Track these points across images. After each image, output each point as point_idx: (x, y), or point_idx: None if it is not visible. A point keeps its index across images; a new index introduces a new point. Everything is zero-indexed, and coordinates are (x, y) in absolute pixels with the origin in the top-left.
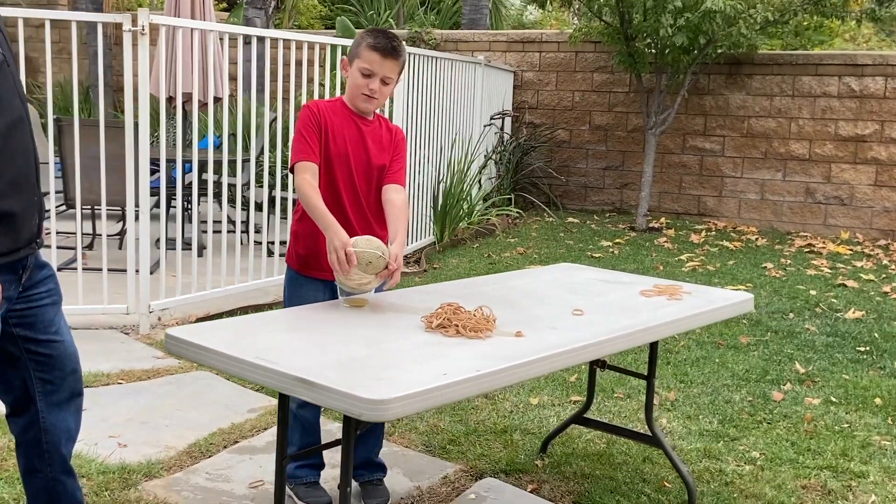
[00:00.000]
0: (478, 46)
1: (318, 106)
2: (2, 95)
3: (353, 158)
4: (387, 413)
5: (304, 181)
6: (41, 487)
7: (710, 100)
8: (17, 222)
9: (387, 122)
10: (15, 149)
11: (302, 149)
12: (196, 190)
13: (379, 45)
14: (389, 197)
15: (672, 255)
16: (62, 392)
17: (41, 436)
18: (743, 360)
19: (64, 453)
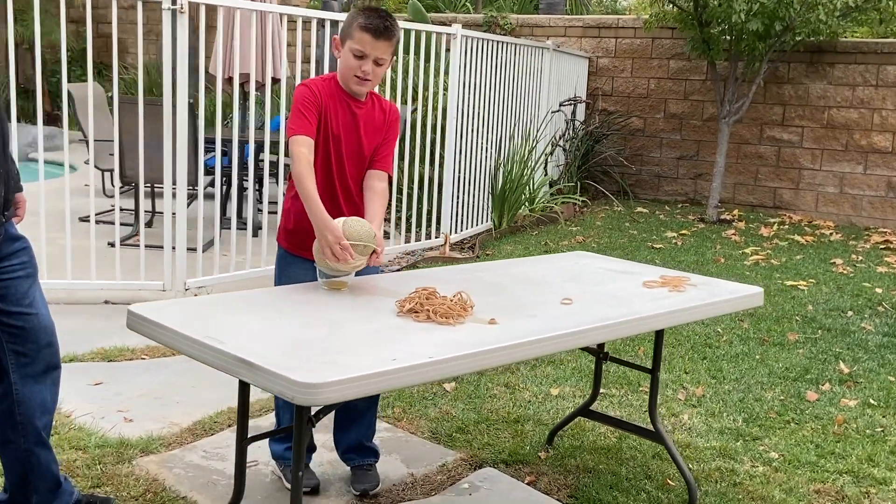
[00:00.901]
0: (553, 32)
1: (317, 86)
2: None
3: (345, 143)
4: (319, 397)
5: (304, 155)
6: (15, 458)
7: (790, 89)
8: None
9: (380, 101)
10: None
11: (300, 123)
12: (252, 170)
13: (371, 26)
14: (371, 184)
15: (737, 247)
16: (37, 365)
17: (14, 407)
18: (785, 358)
19: (38, 426)
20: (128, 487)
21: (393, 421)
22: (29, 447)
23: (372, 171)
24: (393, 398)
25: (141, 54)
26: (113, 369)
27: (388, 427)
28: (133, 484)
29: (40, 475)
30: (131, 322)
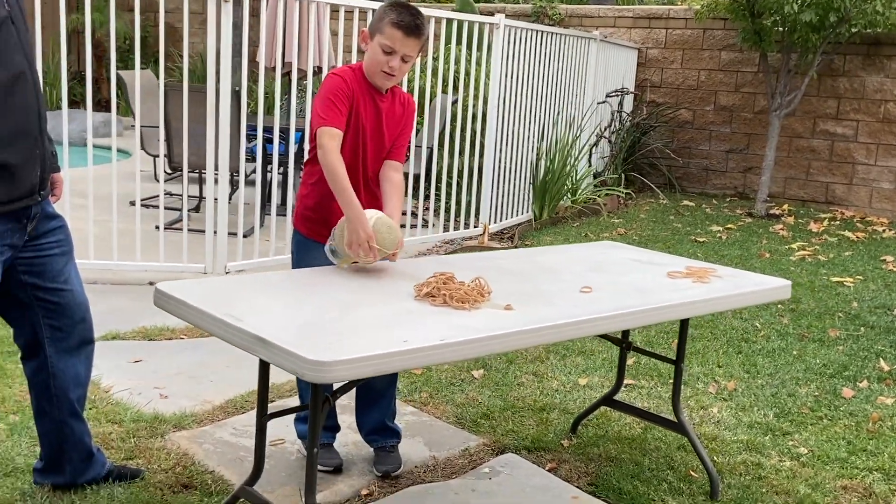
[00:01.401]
0: (602, 22)
1: (348, 76)
2: (2, 50)
3: (370, 135)
4: (329, 375)
5: (334, 148)
6: (50, 429)
7: (845, 82)
8: (15, 173)
9: (399, 94)
10: (14, 103)
11: (331, 114)
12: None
13: (402, 23)
14: (388, 174)
15: (784, 242)
16: (71, 339)
17: (49, 380)
18: (823, 354)
19: (72, 398)
20: (159, 460)
21: (419, 405)
22: (63, 418)
23: (389, 162)
24: (420, 383)
25: (187, 43)
26: (152, 347)
27: (413, 411)
28: (164, 457)
29: (74, 445)
30: (158, 299)
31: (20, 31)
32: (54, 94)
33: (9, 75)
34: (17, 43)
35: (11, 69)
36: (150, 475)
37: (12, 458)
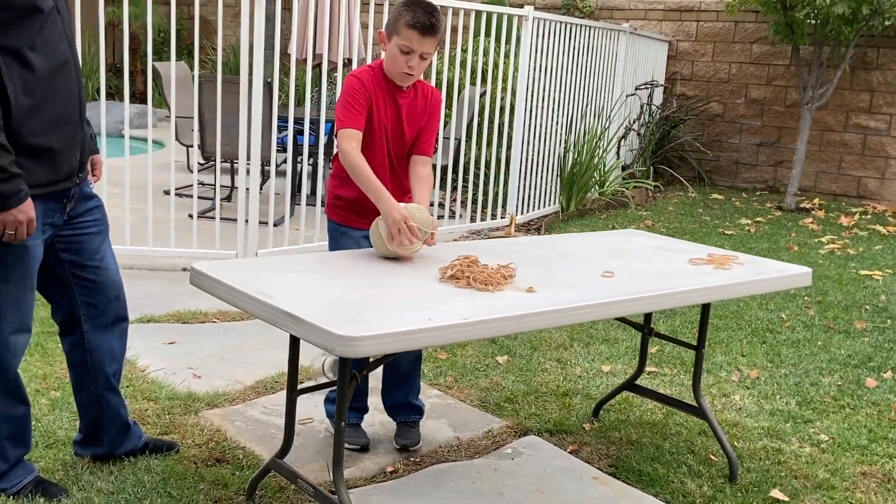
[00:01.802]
0: (633, 15)
1: (366, 76)
2: (49, 39)
3: (390, 132)
4: (357, 349)
5: (353, 149)
6: (88, 401)
7: (878, 75)
8: (57, 157)
9: (423, 88)
10: (58, 91)
11: (349, 116)
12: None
13: (418, 24)
14: (416, 169)
15: (813, 236)
16: (106, 316)
17: (86, 355)
18: (849, 345)
19: (108, 372)
20: (193, 436)
21: (444, 388)
22: (100, 392)
23: (416, 157)
24: (446, 367)
25: (221, 35)
26: (186, 330)
27: (438, 394)
28: (198, 433)
29: (110, 418)
30: (194, 278)
31: (65, 20)
32: (90, 86)
33: (54, 64)
34: (62, 32)
35: (57, 58)
36: (184, 449)
37: (54, 431)
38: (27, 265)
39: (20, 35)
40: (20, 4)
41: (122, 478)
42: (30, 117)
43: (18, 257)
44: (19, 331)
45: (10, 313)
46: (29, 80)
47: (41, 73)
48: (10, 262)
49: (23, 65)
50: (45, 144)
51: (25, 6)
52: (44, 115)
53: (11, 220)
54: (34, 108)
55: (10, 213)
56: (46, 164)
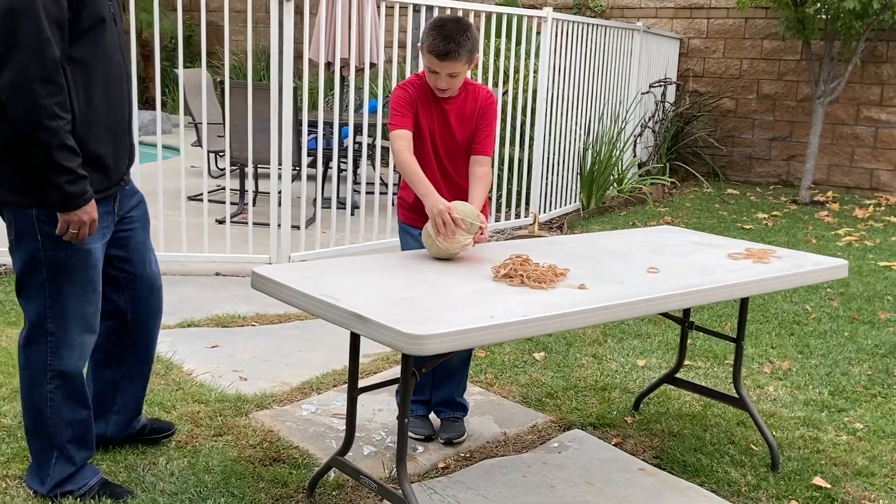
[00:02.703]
0: (644, 13)
1: (412, 85)
2: (108, 49)
3: (439, 137)
4: (426, 347)
5: (403, 148)
6: (108, 379)
7: (889, 68)
8: (110, 164)
9: (474, 91)
10: (113, 99)
11: (397, 119)
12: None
13: (434, 50)
14: (473, 169)
15: (830, 228)
16: (148, 307)
17: (124, 341)
18: (875, 336)
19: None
20: (246, 437)
21: (485, 386)
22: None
23: (473, 157)
24: (485, 364)
25: (227, 43)
26: (226, 334)
27: (480, 391)
28: (251, 434)
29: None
30: (255, 282)
31: (119, 31)
32: None
33: (112, 74)
34: (118, 43)
35: (113, 68)
36: (240, 450)
37: None
38: (92, 267)
39: (86, 45)
40: (91, 15)
41: (183, 478)
42: (89, 126)
43: (83, 261)
44: (85, 331)
45: (77, 315)
46: (91, 89)
47: (101, 83)
48: (74, 265)
49: (87, 75)
50: (101, 152)
51: (94, 17)
52: (102, 125)
53: (76, 219)
54: (94, 118)
55: (75, 214)
56: (100, 171)
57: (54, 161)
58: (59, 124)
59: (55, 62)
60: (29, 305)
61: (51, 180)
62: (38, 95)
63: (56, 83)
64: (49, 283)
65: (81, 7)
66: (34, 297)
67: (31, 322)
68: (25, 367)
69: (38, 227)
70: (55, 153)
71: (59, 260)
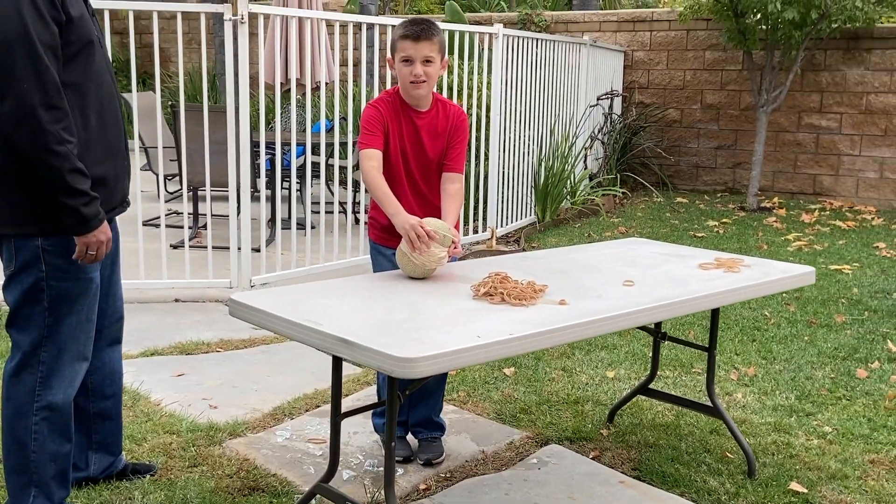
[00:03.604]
0: (588, 27)
1: (382, 104)
2: (97, 71)
3: (412, 153)
4: (415, 370)
5: (371, 168)
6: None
7: (827, 76)
8: (111, 185)
9: (446, 108)
10: (107, 120)
11: (367, 139)
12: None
13: (408, 33)
14: (444, 186)
15: (779, 234)
16: (105, 339)
17: (87, 377)
18: (833, 339)
19: (107, 394)
20: (222, 466)
21: (459, 404)
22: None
23: (446, 174)
24: (457, 382)
25: (181, 65)
26: (191, 361)
27: (455, 409)
28: (227, 463)
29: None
30: (234, 309)
31: (105, 52)
32: None
33: (103, 95)
34: (105, 64)
35: (104, 89)
36: (217, 480)
37: None
38: (92, 296)
39: (78, 69)
40: (80, 39)
41: None
42: (88, 148)
43: (85, 290)
44: (77, 360)
45: (71, 344)
46: (86, 112)
47: (94, 105)
48: (76, 295)
49: (80, 98)
50: (100, 174)
51: (83, 40)
52: (99, 146)
53: (94, 241)
54: (91, 140)
55: (93, 235)
56: (103, 192)
57: (68, 185)
58: (68, 148)
59: (56, 87)
60: (23, 336)
61: (66, 205)
62: (44, 122)
63: (60, 108)
64: (49, 314)
65: (70, 31)
66: (31, 328)
67: (23, 352)
68: (9, 398)
69: (43, 257)
70: (68, 177)
71: (62, 290)
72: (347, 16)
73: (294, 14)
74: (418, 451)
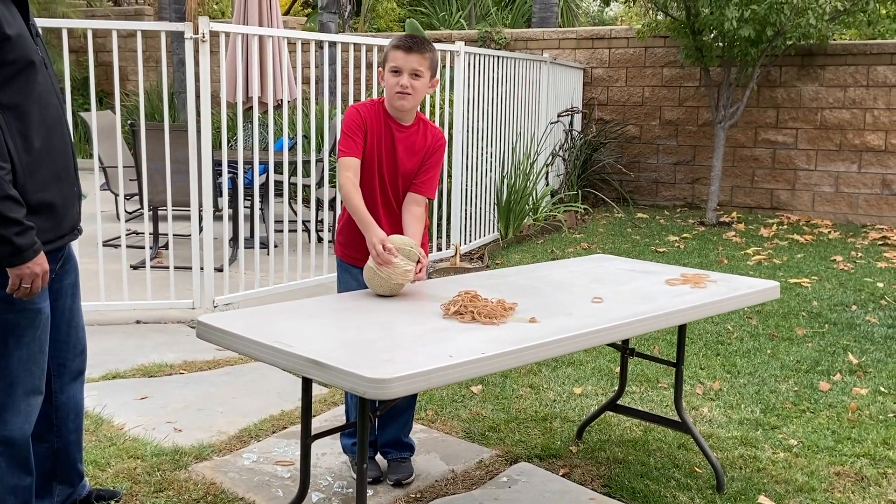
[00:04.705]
0: (547, 45)
1: (363, 108)
2: (42, 93)
3: (385, 163)
4: (388, 391)
5: (347, 179)
6: (44, 454)
7: (782, 92)
8: (59, 212)
9: (427, 128)
10: (54, 144)
11: (347, 145)
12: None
13: (400, 44)
14: (408, 206)
15: (739, 248)
16: (72, 372)
17: (52, 411)
18: (795, 352)
19: (71, 427)
20: (188, 491)
21: (427, 423)
22: (61, 445)
23: (412, 194)
24: (425, 401)
25: (141, 84)
26: (155, 384)
27: (423, 428)
28: (192, 488)
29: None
30: (201, 332)
31: (51, 74)
32: None
33: (49, 118)
34: (52, 86)
35: (50, 111)
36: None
37: None
38: (42, 328)
39: (17, 90)
40: (18, 59)
41: None
42: (32, 173)
43: (32, 322)
44: (31, 394)
45: (23, 377)
46: (28, 135)
47: (39, 128)
48: (24, 327)
49: (21, 120)
50: (47, 200)
51: (23, 60)
52: (44, 171)
53: (28, 272)
54: (35, 164)
55: (26, 267)
56: (50, 220)
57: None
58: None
59: None
60: None
61: None
62: None
63: None
64: None
65: (7, 51)
66: None
67: None
68: None
69: None
70: None
71: (7, 323)
72: (308, 34)
73: (254, 32)
74: (388, 472)
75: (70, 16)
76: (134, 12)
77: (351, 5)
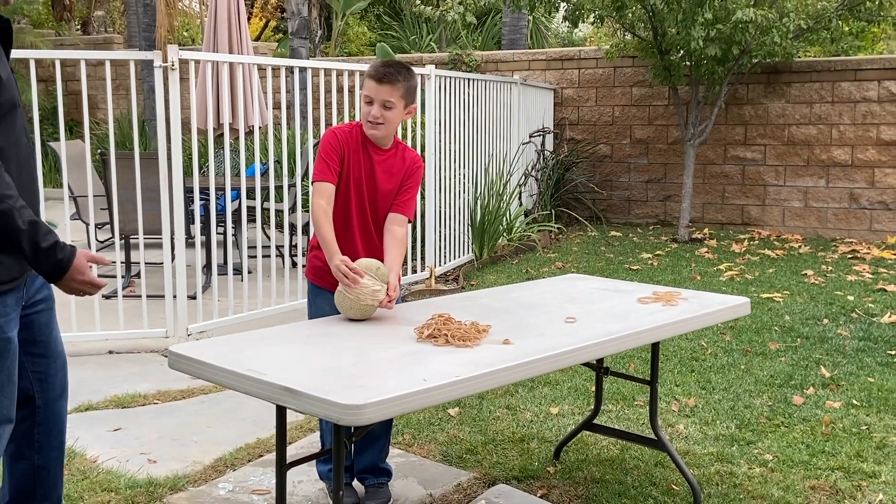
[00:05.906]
0: (518, 66)
1: (341, 131)
2: (17, 134)
3: (366, 185)
4: (362, 417)
5: (319, 206)
6: (24, 473)
7: (750, 109)
8: None
9: (405, 152)
10: (24, 183)
11: (321, 169)
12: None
13: (373, 74)
14: (390, 227)
15: (711, 265)
16: (55, 390)
17: (34, 428)
18: (769, 366)
19: (53, 445)
20: None
21: (405, 447)
22: (42, 464)
23: (392, 215)
24: (402, 425)
25: (111, 112)
26: (128, 415)
27: (400, 453)
28: None
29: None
30: (173, 362)
31: (22, 114)
32: None
33: (22, 158)
34: (23, 127)
35: (22, 152)
36: None
37: None
38: (11, 357)
39: (2, 132)
40: (6, 102)
41: None
42: None
43: (2, 351)
44: (1, 422)
45: None
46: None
47: (14, 169)
48: None
49: (9, 162)
50: None
51: (10, 103)
52: None
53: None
54: None
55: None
56: (18, 258)
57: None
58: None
59: None
60: None
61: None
62: None
63: None
64: None
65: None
66: None
67: None
68: None
69: None
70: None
71: None
72: (278, 60)
73: (225, 59)
74: (365, 498)
75: (38, 45)
76: (103, 41)
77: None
